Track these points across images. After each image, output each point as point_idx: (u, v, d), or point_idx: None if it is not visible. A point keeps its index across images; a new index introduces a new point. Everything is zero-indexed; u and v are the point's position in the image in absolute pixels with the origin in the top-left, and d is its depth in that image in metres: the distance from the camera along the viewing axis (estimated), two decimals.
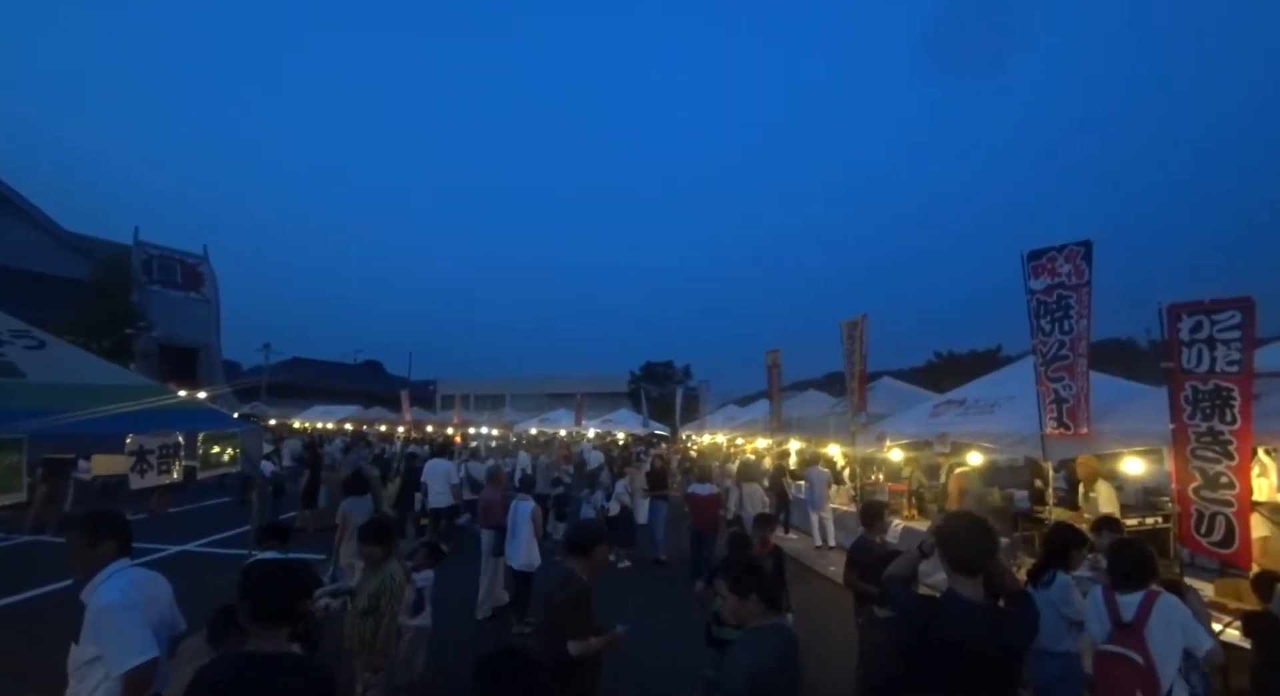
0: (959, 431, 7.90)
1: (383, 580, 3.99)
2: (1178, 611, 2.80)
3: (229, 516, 12.52)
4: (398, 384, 45.34)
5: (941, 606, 2.29)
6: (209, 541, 10.67)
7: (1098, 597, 3.04)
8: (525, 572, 6.57)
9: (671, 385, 44.63)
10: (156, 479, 4.60)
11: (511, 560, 6.65)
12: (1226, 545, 4.50)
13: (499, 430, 28.93)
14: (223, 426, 5.51)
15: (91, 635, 2.43)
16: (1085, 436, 6.04)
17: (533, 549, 6.66)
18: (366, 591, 3.99)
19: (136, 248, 19.34)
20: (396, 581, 4.05)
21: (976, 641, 2.15)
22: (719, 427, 22.02)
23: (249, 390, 34.98)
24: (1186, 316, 4.74)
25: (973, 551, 2.29)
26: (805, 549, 10.84)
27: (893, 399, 12.32)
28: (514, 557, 6.62)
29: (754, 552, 4.66)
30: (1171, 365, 4.84)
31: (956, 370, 28.27)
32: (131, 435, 4.34)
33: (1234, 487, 4.49)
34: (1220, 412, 4.57)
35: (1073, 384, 6.11)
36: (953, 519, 2.59)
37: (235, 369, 46.09)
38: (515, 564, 6.60)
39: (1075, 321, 6.15)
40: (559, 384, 49.60)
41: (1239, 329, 4.51)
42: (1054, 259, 6.31)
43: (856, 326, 10.42)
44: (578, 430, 26.77)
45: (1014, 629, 2.25)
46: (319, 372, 51.67)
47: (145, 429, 4.48)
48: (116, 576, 2.60)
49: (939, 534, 2.46)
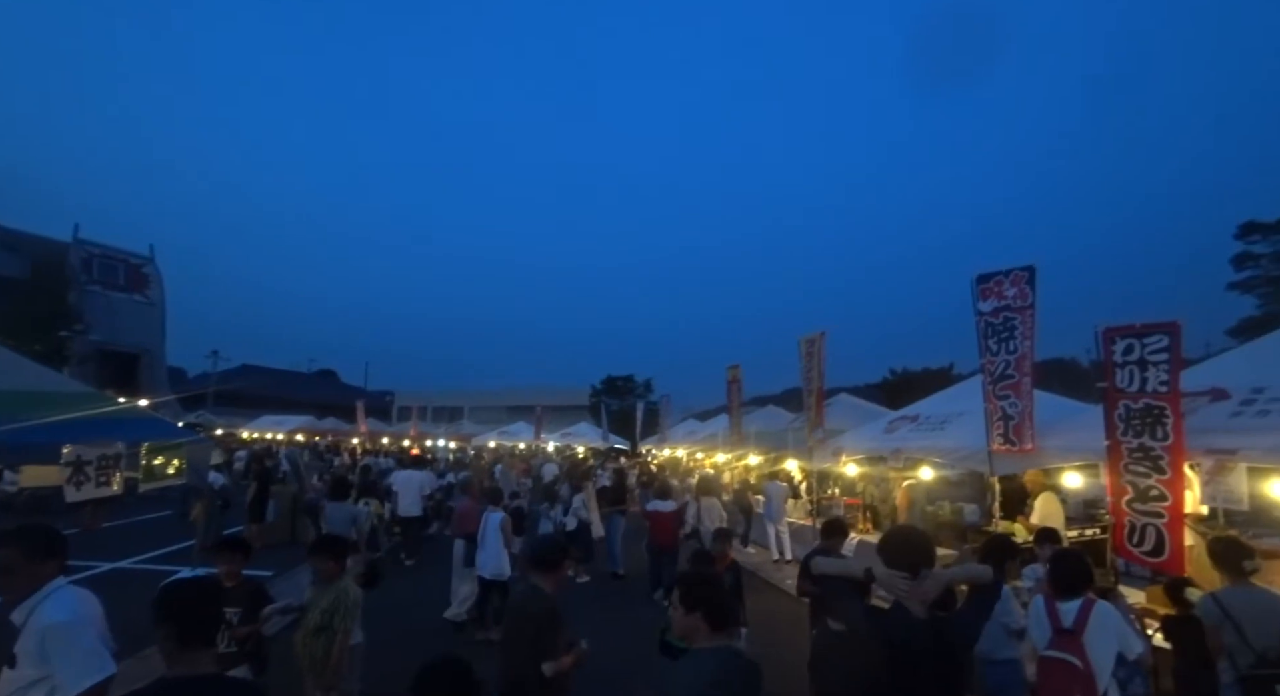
0: (912, 447, 8.16)
1: (336, 596, 3.88)
2: (1113, 617, 2.96)
3: (169, 531, 11.94)
4: (353, 394, 44.20)
5: (887, 616, 2.37)
6: (147, 558, 10.17)
7: (1039, 606, 3.19)
8: (494, 581, 6.66)
9: (632, 399, 44.68)
10: (95, 492, 4.38)
11: (481, 569, 6.73)
12: (1157, 554, 4.76)
13: (457, 442, 28.44)
14: (168, 436, 5.29)
15: (35, 657, 2.30)
16: (1029, 452, 6.31)
17: (502, 559, 6.73)
18: (319, 608, 3.87)
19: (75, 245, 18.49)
20: (351, 597, 3.94)
21: (919, 649, 2.21)
22: (679, 442, 22.13)
23: (195, 398, 33.56)
24: (1120, 339, 5.04)
25: (906, 556, 2.39)
26: (763, 562, 10.95)
27: (849, 415, 12.63)
28: (483, 567, 6.71)
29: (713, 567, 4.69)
30: (1106, 385, 5.13)
31: (911, 387, 29.10)
32: (69, 445, 4.14)
33: (1165, 500, 4.75)
34: (1152, 430, 4.84)
35: (1018, 401, 6.38)
36: (892, 530, 2.70)
37: (180, 376, 44.26)
38: (485, 573, 6.69)
39: (1020, 342, 6.44)
40: (519, 396, 49.08)
41: (1167, 352, 4.81)
42: (1000, 282, 6.62)
43: (815, 343, 10.65)
44: (537, 443, 26.53)
45: (955, 633, 2.34)
46: (270, 381, 49.94)
47: (83, 438, 4.27)
48: (60, 594, 2.47)
49: (880, 543, 2.55)
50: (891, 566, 2.38)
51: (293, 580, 8.33)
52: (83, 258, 31.00)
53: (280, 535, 11.51)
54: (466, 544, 7.29)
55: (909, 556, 2.37)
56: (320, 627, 3.81)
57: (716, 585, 2.44)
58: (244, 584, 4.24)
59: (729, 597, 2.49)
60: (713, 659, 2.12)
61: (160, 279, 37.84)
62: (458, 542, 7.57)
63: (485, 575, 6.69)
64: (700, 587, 2.29)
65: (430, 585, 8.18)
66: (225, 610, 3.87)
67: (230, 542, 4.50)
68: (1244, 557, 3.60)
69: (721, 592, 2.38)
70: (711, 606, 2.21)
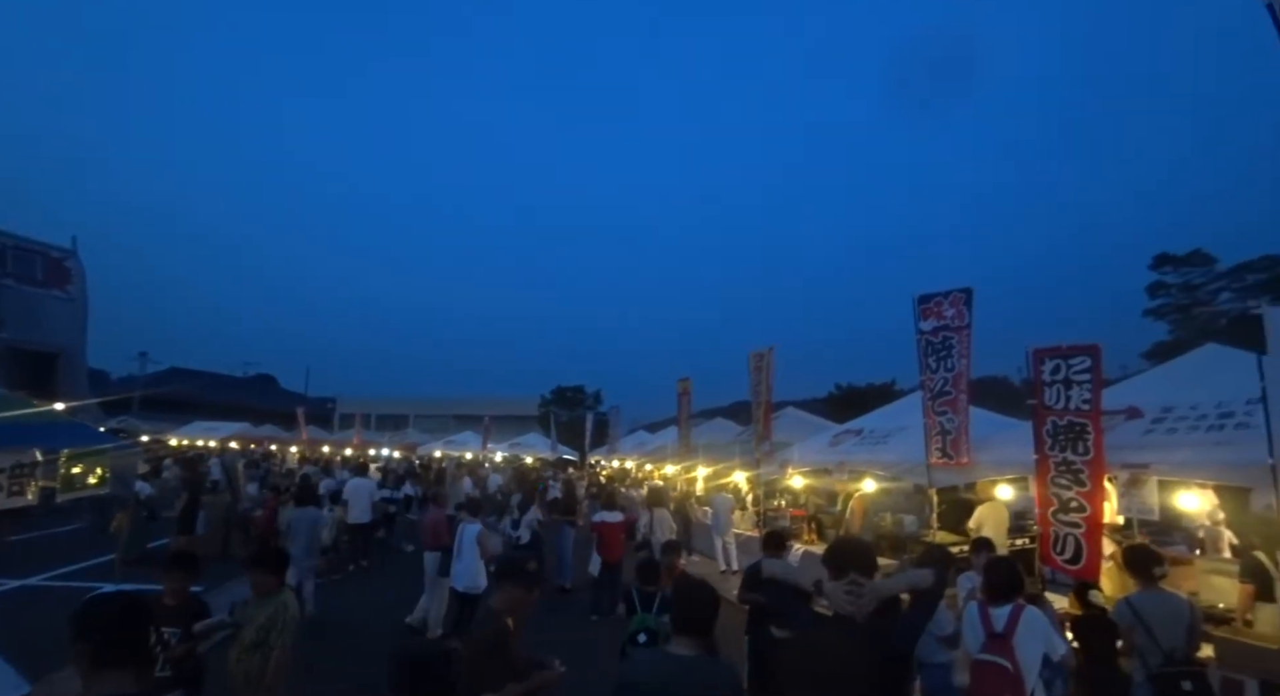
0: (856, 459, 8.43)
1: (275, 610, 3.72)
2: (1040, 621, 3.16)
3: (84, 544, 11.16)
4: (293, 400, 42.48)
5: (830, 624, 2.45)
6: (59, 574, 9.48)
7: (973, 611, 3.37)
8: (468, 595, 6.62)
9: (582, 409, 44.42)
10: (6, 502, 4.11)
11: (456, 582, 6.72)
12: (1075, 561, 5.08)
13: (401, 451, 27.67)
14: (89, 442, 5.00)
15: None
16: (965, 465, 6.62)
17: (479, 571, 6.69)
18: (255, 623, 3.70)
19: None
20: (290, 612, 3.78)
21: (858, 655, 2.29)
22: (629, 453, 22.15)
23: (119, 402, 31.58)
24: (1048, 359, 5.38)
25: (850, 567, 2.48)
26: (709, 573, 11.02)
27: (796, 428, 12.92)
28: (459, 579, 6.70)
29: (662, 579, 4.68)
30: (1035, 402, 5.45)
31: (855, 402, 30.01)
32: None
33: (1084, 511, 5.09)
34: (1074, 445, 5.18)
35: (955, 417, 6.70)
36: (838, 542, 2.81)
37: (103, 378, 41.58)
38: (460, 585, 6.66)
39: (957, 360, 6.78)
40: (466, 406, 48.09)
41: (1089, 372, 5.16)
42: (940, 303, 6.97)
43: (764, 358, 10.90)
44: (484, 453, 26.08)
45: (896, 638, 2.42)
46: (203, 385, 47.36)
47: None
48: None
49: (826, 554, 2.64)
50: (836, 577, 2.47)
51: (224, 595, 7.92)
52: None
53: (211, 548, 10.92)
54: (439, 557, 7.30)
55: (852, 567, 2.46)
56: (256, 643, 3.64)
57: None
58: (187, 602, 3.96)
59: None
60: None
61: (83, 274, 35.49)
62: (428, 555, 7.56)
63: (459, 587, 6.66)
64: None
65: (383, 591, 8.79)
66: (164, 630, 3.65)
67: (179, 557, 4.18)
68: (1154, 564, 3.89)
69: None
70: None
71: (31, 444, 4.29)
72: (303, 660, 3.79)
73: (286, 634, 3.70)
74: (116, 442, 5.56)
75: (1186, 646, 3.62)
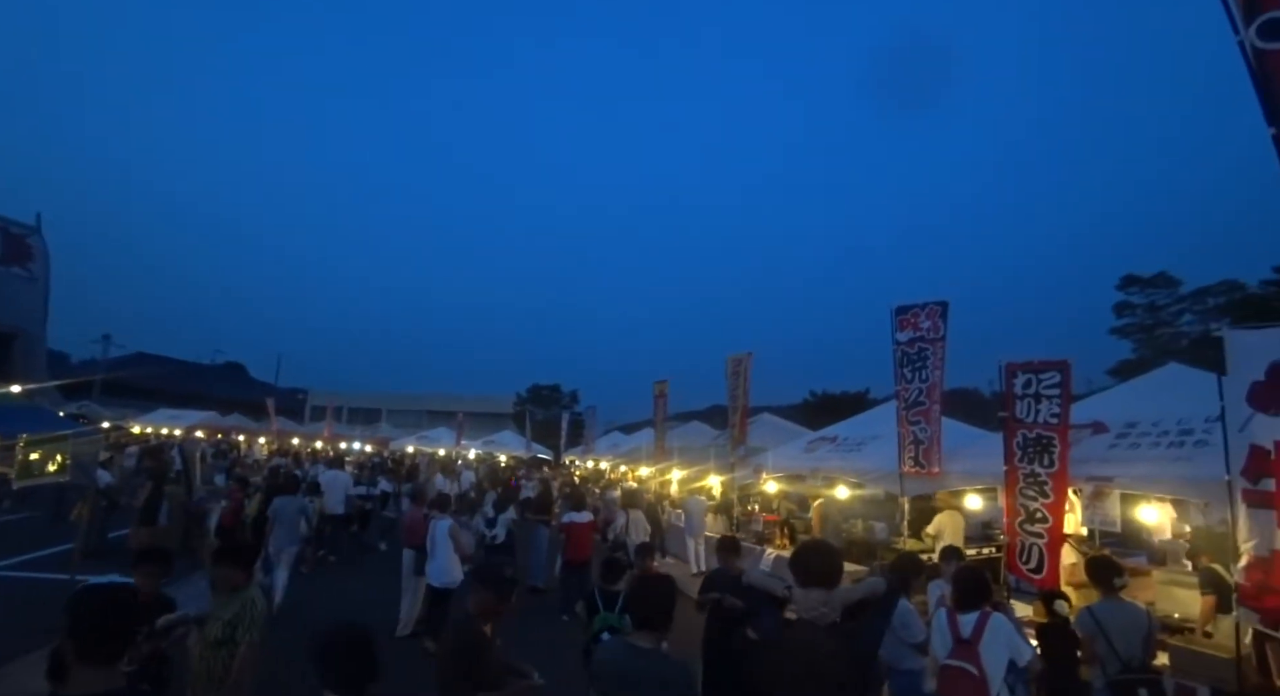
0: (830, 466, 8.55)
1: (241, 606, 3.62)
2: (1006, 627, 3.25)
3: (39, 533, 10.79)
4: (263, 390, 41.59)
5: (797, 628, 2.51)
6: (11, 564, 9.15)
7: (942, 618, 3.44)
8: (443, 590, 6.65)
9: (557, 409, 44.24)
10: None
11: (433, 579, 6.69)
12: (1038, 571, 5.22)
13: (373, 446, 27.26)
14: (49, 428, 4.86)
15: None
16: (936, 475, 6.76)
17: (454, 566, 6.72)
18: (221, 619, 3.60)
19: None
20: (258, 608, 3.67)
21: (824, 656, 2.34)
22: (604, 454, 22.14)
23: (79, 386, 30.58)
24: (1020, 373, 5.50)
25: (814, 573, 2.54)
26: (680, 575, 11.07)
27: (771, 433, 13.04)
28: (435, 576, 6.66)
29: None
30: (1006, 415, 5.58)
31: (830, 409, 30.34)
32: None
33: (1047, 522, 5.22)
34: (1040, 458, 5.31)
35: (928, 427, 6.83)
36: (803, 547, 2.86)
37: (63, 360, 40.27)
38: (437, 582, 6.64)
39: (932, 371, 6.91)
40: (440, 402, 47.61)
41: (1059, 387, 5.30)
42: (917, 315, 7.10)
43: (741, 363, 10.98)
44: (458, 449, 25.82)
45: (860, 641, 2.48)
46: (169, 372, 46.07)
47: None
48: None
49: (791, 559, 2.69)
50: (803, 583, 2.52)
51: (185, 589, 7.74)
52: None
53: (172, 540, 10.64)
54: (416, 554, 7.22)
55: (816, 573, 2.51)
56: (221, 641, 3.54)
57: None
58: (155, 599, 3.84)
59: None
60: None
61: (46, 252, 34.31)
62: (406, 552, 7.50)
63: (435, 583, 6.66)
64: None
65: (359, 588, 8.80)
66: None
67: (150, 551, 4.06)
68: (1115, 574, 4.01)
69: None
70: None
71: None
72: (271, 654, 3.70)
73: (254, 630, 3.60)
74: (77, 428, 5.40)
75: (1144, 654, 3.74)
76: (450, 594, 6.71)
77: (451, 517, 7.23)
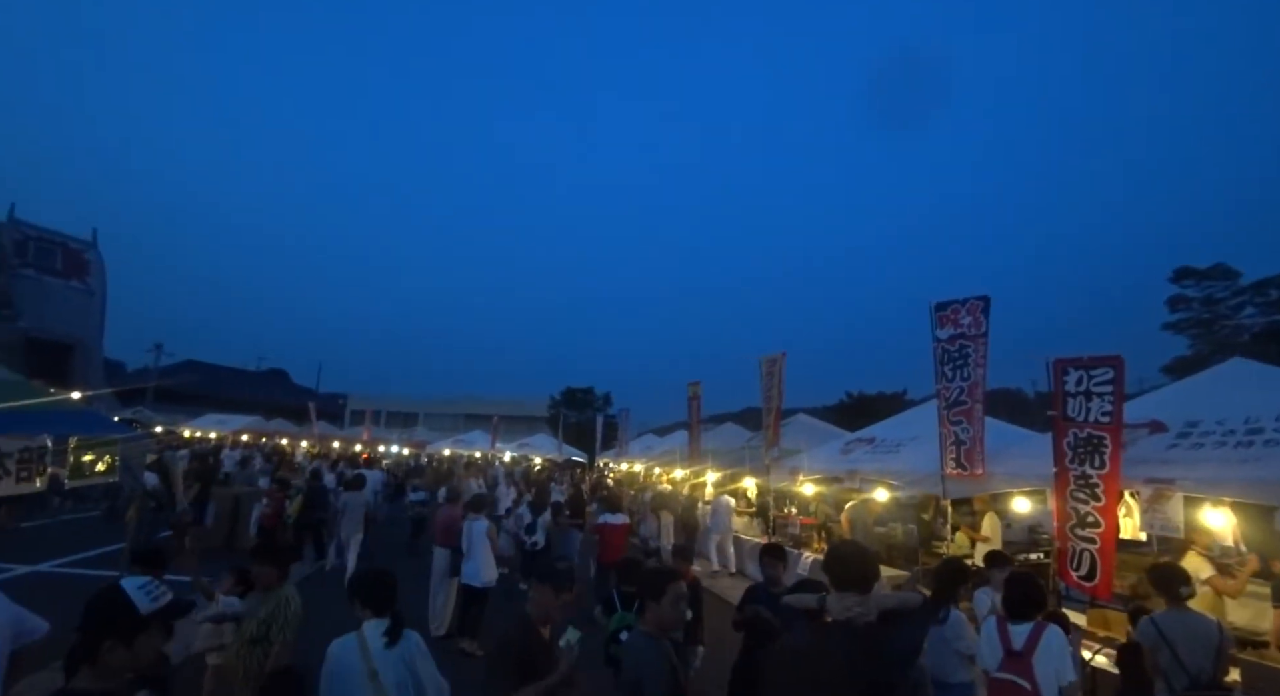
0: (867, 468, 8.29)
1: (277, 605, 3.68)
2: (1060, 641, 3.04)
3: (95, 532, 11.24)
4: (304, 395, 42.74)
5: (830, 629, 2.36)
6: (69, 561, 9.53)
7: (991, 628, 3.25)
8: (479, 589, 6.75)
9: (591, 411, 44.31)
10: (14, 488, 4.11)
11: (470, 579, 6.77)
12: (1090, 578, 4.93)
13: (410, 449, 27.75)
14: (100, 431, 5.01)
15: None
16: (979, 477, 6.48)
17: (490, 566, 6.86)
18: (257, 618, 3.66)
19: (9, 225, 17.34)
20: (293, 608, 3.73)
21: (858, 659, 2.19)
22: (637, 456, 22.04)
23: (133, 393, 31.89)
24: (1072, 370, 5.23)
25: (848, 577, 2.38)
26: (701, 572, 10.90)
27: (806, 435, 12.76)
28: (472, 576, 6.74)
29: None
30: (1056, 414, 5.31)
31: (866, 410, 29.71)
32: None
33: (1099, 526, 4.93)
34: (1091, 458, 5.04)
35: (970, 427, 6.57)
36: (837, 549, 2.62)
37: (118, 369, 42.04)
38: (475, 581, 6.73)
39: (973, 369, 6.65)
40: (475, 405, 48.30)
41: (1111, 384, 5.02)
42: (957, 311, 6.84)
43: (776, 363, 10.78)
44: (493, 452, 26.09)
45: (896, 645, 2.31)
46: (216, 378, 47.87)
47: (3, 430, 4.00)
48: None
49: (825, 561, 2.50)
50: (837, 586, 2.38)
51: None
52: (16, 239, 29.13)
53: (216, 540, 10.98)
54: (452, 554, 7.27)
55: (849, 577, 2.37)
56: (257, 638, 3.61)
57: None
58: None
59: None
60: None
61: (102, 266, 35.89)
62: (438, 551, 7.53)
63: (472, 583, 6.74)
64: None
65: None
66: None
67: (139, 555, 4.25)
68: (1181, 583, 3.75)
69: None
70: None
71: (41, 430, 4.30)
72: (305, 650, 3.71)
73: (289, 629, 3.66)
74: (128, 432, 5.56)
75: (1214, 669, 3.48)
76: (486, 594, 6.82)
77: (488, 519, 7.27)
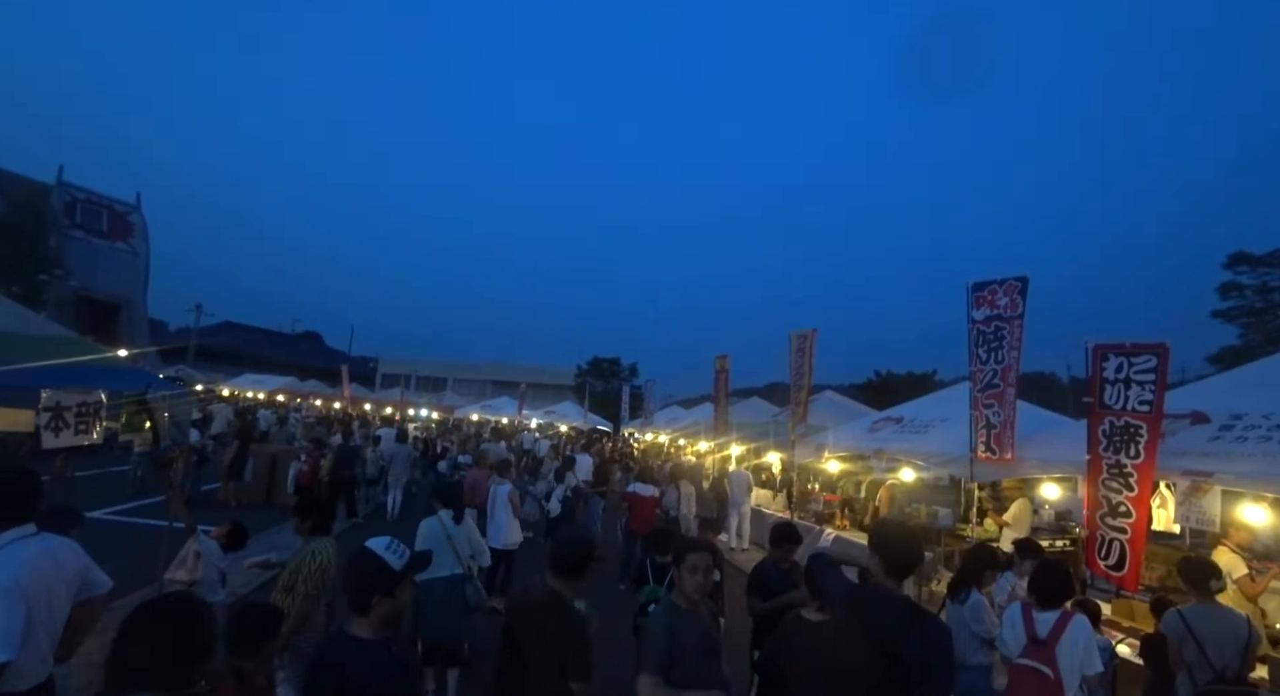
0: (894, 448, 8.23)
1: (303, 558, 3.76)
2: (1087, 631, 3.02)
3: (141, 484, 11.80)
4: (337, 358, 43.80)
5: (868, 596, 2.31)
6: (120, 509, 10.06)
7: (1016, 614, 3.24)
8: (505, 551, 6.99)
9: (617, 381, 44.59)
10: (73, 439, 4.32)
11: (493, 540, 6.90)
12: (1119, 568, 4.86)
13: (439, 414, 28.32)
14: (150, 388, 5.21)
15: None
16: (1009, 461, 6.38)
17: (514, 528, 7.13)
18: (289, 567, 3.80)
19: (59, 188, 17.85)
20: (318, 560, 3.68)
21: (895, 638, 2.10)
22: (661, 427, 22.19)
23: (175, 352, 33.04)
24: (1112, 356, 5.08)
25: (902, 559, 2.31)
26: (723, 545, 11.05)
27: (833, 412, 12.69)
28: (495, 537, 6.91)
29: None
30: (1092, 400, 5.18)
31: (894, 390, 29.35)
32: (47, 390, 4.06)
33: (1131, 516, 4.84)
34: (1127, 447, 4.92)
35: (1001, 411, 6.45)
36: (888, 529, 2.48)
37: (161, 328, 43.55)
38: (497, 544, 6.90)
39: (1007, 352, 6.49)
40: (504, 372, 48.93)
41: (1154, 372, 4.86)
42: (994, 291, 6.65)
43: (806, 339, 10.68)
44: (520, 419, 26.50)
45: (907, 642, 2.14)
46: (253, 339, 49.22)
47: (62, 384, 4.19)
48: (7, 553, 2.22)
49: (877, 540, 2.39)
50: (889, 570, 2.29)
51: (264, 541, 8.34)
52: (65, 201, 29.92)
53: (255, 496, 11.45)
54: (478, 515, 7.43)
55: (901, 565, 2.31)
56: (287, 587, 3.69)
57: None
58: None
59: None
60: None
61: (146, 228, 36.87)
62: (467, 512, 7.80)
63: (496, 546, 6.88)
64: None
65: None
66: None
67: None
68: (1211, 577, 3.68)
69: None
70: None
71: (97, 385, 4.49)
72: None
73: (309, 581, 3.65)
74: (176, 389, 5.78)
75: (1240, 665, 3.44)
76: (511, 555, 7.10)
77: (513, 483, 7.47)
